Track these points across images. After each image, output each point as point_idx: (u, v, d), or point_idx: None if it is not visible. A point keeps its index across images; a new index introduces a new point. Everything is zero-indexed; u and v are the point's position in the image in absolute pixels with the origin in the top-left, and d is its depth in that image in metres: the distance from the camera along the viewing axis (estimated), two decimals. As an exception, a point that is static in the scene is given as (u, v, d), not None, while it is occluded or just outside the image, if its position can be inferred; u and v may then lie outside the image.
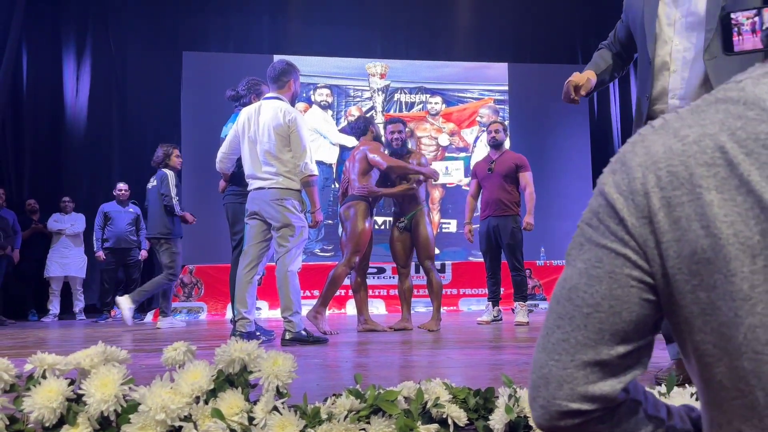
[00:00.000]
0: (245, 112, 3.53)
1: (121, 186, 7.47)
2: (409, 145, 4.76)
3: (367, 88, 9.10)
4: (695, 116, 0.56)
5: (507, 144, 5.52)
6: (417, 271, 6.41)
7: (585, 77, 2.13)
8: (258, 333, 3.44)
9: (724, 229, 0.51)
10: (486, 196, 4.95)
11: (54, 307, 7.69)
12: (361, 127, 4.59)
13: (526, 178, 4.88)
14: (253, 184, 3.46)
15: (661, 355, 2.19)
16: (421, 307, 7.47)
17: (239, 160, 3.64)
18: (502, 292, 5.25)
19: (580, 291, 0.60)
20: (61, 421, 1.05)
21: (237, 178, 3.75)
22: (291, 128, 3.37)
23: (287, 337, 3.34)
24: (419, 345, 3.37)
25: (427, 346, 3.33)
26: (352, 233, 4.17)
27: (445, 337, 3.93)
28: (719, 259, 0.51)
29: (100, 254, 7.19)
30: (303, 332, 3.35)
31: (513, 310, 5.22)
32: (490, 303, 5.08)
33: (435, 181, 4.81)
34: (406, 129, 4.71)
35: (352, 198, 4.30)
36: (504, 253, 4.96)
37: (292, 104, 3.61)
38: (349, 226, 4.20)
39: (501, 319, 5.10)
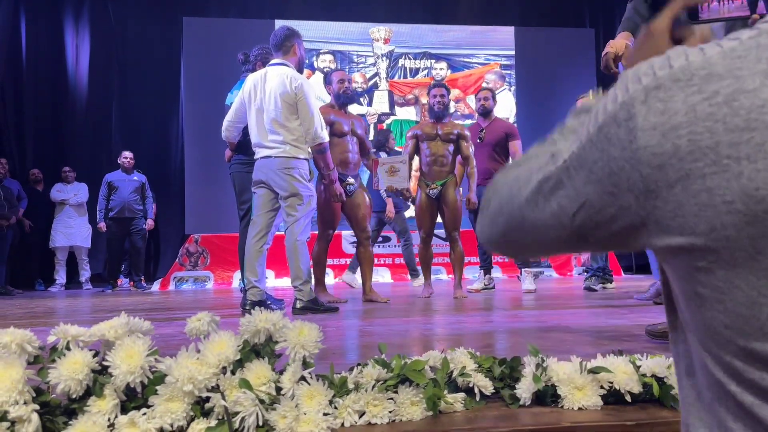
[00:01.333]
0: (251, 79, 3.45)
1: (126, 154, 7.40)
2: (452, 110, 4.74)
3: (371, 54, 8.94)
4: (729, 64, 0.46)
5: (498, 112, 5.43)
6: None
7: (622, 44, 1.90)
8: (269, 302, 3.43)
9: (752, 205, 0.44)
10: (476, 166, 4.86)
11: (60, 276, 7.72)
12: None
13: (516, 146, 4.83)
14: (259, 153, 3.40)
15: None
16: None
17: (245, 128, 3.57)
18: (493, 260, 5.26)
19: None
20: (87, 392, 1.03)
21: (243, 146, 3.68)
22: (298, 95, 3.29)
23: (298, 306, 3.34)
24: (429, 312, 3.37)
25: (438, 313, 3.33)
26: (317, 205, 3.95)
27: (452, 305, 3.93)
28: (742, 238, 0.45)
29: (102, 225, 7.17)
30: (314, 300, 3.34)
31: (518, 277, 5.19)
32: (482, 271, 5.07)
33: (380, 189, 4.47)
34: (449, 95, 4.58)
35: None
36: None
37: (300, 70, 3.51)
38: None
39: (493, 287, 5.09)
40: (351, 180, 4.08)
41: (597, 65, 9.46)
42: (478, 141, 4.82)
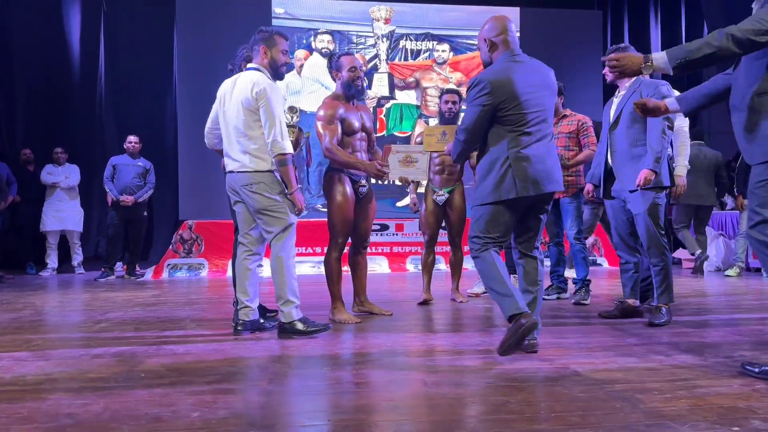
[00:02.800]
0: (224, 86, 3.22)
1: (131, 138, 7.14)
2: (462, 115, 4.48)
3: (371, 34, 8.63)
4: None
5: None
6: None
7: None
8: (261, 321, 3.29)
9: None
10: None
11: (52, 261, 7.58)
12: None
13: None
14: (227, 166, 3.18)
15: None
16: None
17: None
18: None
19: None
20: None
21: None
22: (260, 101, 3.01)
23: (281, 329, 3.13)
24: (445, 329, 3.24)
25: (439, 337, 3.20)
26: (329, 211, 3.69)
27: (452, 320, 3.81)
28: None
29: (126, 198, 6.91)
30: (298, 323, 3.09)
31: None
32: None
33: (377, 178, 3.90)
34: (461, 102, 4.38)
35: (327, 169, 3.75)
36: None
37: (276, 75, 3.21)
38: (327, 203, 3.73)
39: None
40: (363, 182, 3.74)
41: (604, 48, 9.18)
42: None
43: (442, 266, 7.31)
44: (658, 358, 2.58)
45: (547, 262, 4.67)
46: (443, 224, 4.59)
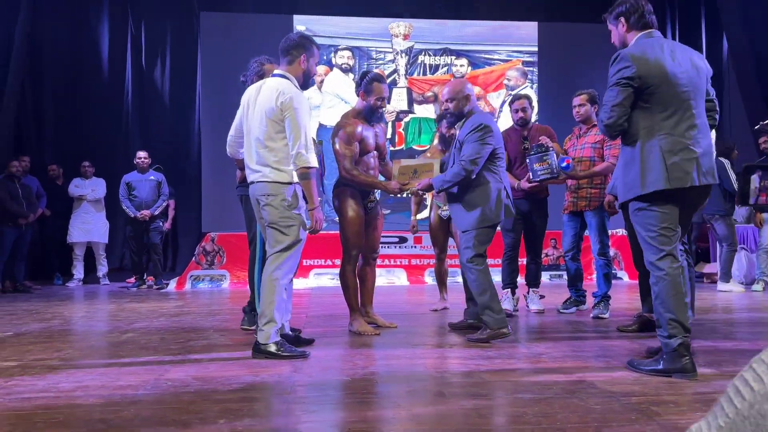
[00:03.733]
0: (248, 92, 3.14)
1: (141, 154, 7.39)
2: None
3: (390, 50, 8.77)
4: None
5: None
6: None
7: None
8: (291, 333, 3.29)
9: None
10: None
11: (78, 272, 7.78)
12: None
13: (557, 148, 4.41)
14: (248, 177, 3.11)
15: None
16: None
17: None
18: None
19: None
20: None
21: None
22: (286, 111, 2.90)
23: (254, 345, 3.01)
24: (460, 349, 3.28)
25: (451, 365, 3.24)
26: (341, 225, 3.75)
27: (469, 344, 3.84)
28: None
29: (144, 213, 7.15)
30: (271, 346, 2.93)
31: (525, 296, 4.75)
32: (509, 289, 4.57)
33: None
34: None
35: (337, 184, 3.80)
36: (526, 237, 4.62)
37: (304, 85, 3.16)
38: (339, 218, 3.79)
39: (517, 311, 4.61)
40: (372, 197, 3.85)
41: (622, 62, 9.19)
42: (523, 151, 4.48)
43: (459, 279, 7.33)
44: (675, 371, 2.60)
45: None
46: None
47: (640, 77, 2.51)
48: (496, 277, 4.50)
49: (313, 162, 2.95)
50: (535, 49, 8.96)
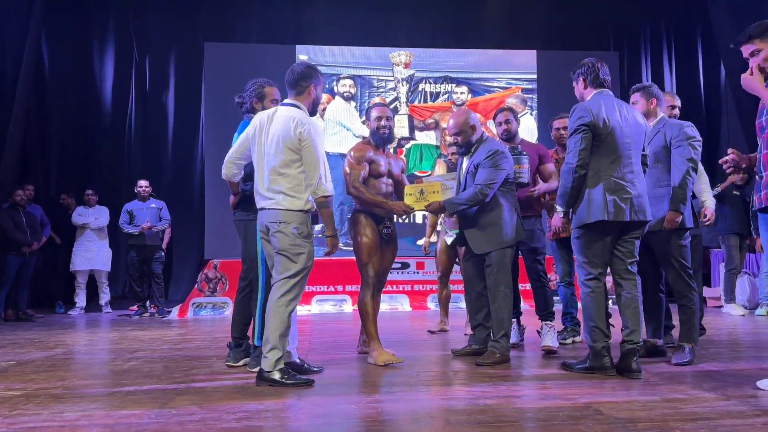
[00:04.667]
0: (258, 117, 3.15)
1: (142, 183, 7.46)
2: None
3: (391, 78, 8.89)
4: None
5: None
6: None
7: None
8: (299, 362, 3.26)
9: None
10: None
11: (80, 300, 7.77)
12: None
13: (549, 169, 4.19)
14: (258, 203, 3.12)
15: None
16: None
17: (246, 177, 3.31)
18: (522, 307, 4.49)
19: None
20: None
21: (248, 199, 3.35)
22: (303, 141, 2.96)
23: (258, 373, 3.00)
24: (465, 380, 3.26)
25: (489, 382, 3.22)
26: (354, 249, 3.71)
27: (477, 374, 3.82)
28: None
29: (144, 226, 7.21)
30: (276, 373, 2.92)
31: (538, 331, 4.09)
32: (514, 320, 4.13)
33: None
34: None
35: (353, 212, 3.82)
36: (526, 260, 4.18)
37: (313, 112, 3.22)
38: (353, 244, 3.74)
39: (523, 341, 4.28)
40: (387, 223, 3.76)
41: (621, 89, 9.30)
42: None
43: (462, 305, 7.31)
44: (681, 397, 2.59)
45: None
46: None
47: (595, 126, 3.07)
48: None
49: (331, 190, 3.03)
50: (534, 76, 9.07)
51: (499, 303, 3.54)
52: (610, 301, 3.70)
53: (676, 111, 4.07)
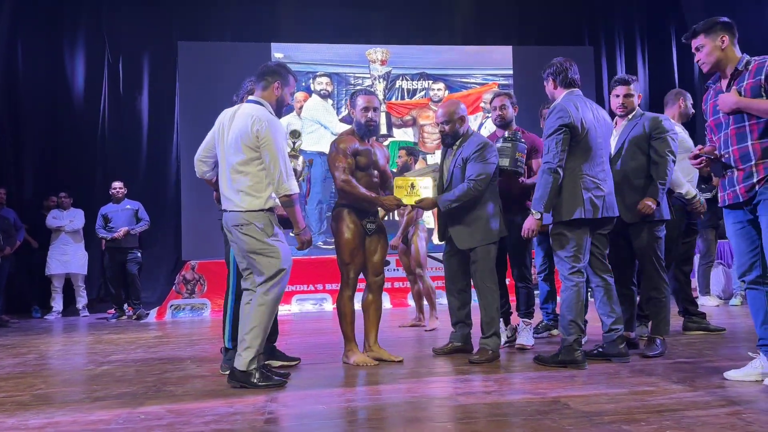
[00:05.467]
0: (223, 115, 3.10)
1: (116, 184, 7.38)
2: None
3: (368, 76, 8.87)
4: None
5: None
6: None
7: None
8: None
9: None
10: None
11: (57, 304, 7.65)
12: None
13: (538, 164, 3.93)
14: (222, 204, 3.07)
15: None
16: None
17: None
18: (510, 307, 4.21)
19: None
20: None
21: None
22: (262, 139, 2.87)
23: (230, 372, 2.98)
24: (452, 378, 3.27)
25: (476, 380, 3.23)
26: (336, 246, 3.59)
27: (459, 356, 3.83)
28: None
29: (120, 232, 7.14)
30: (249, 373, 2.89)
31: (516, 327, 4.06)
32: (501, 319, 3.92)
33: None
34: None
35: (335, 205, 3.69)
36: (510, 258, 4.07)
37: (278, 113, 3.09)
38: (335, 239, 3.60)
39: (515, 340, 4.02)
40: (372, 218, 3.62)
41: (596, 83, 9.39)
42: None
43: (445, 301, 7.33)
44: (649, 389, 2.63)
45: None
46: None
47: (573, 127, 3.14)
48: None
49: (295, 188, 2.95)
50: (510, 72, 9.11)
51: (487, 300, 3.50)
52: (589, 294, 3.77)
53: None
